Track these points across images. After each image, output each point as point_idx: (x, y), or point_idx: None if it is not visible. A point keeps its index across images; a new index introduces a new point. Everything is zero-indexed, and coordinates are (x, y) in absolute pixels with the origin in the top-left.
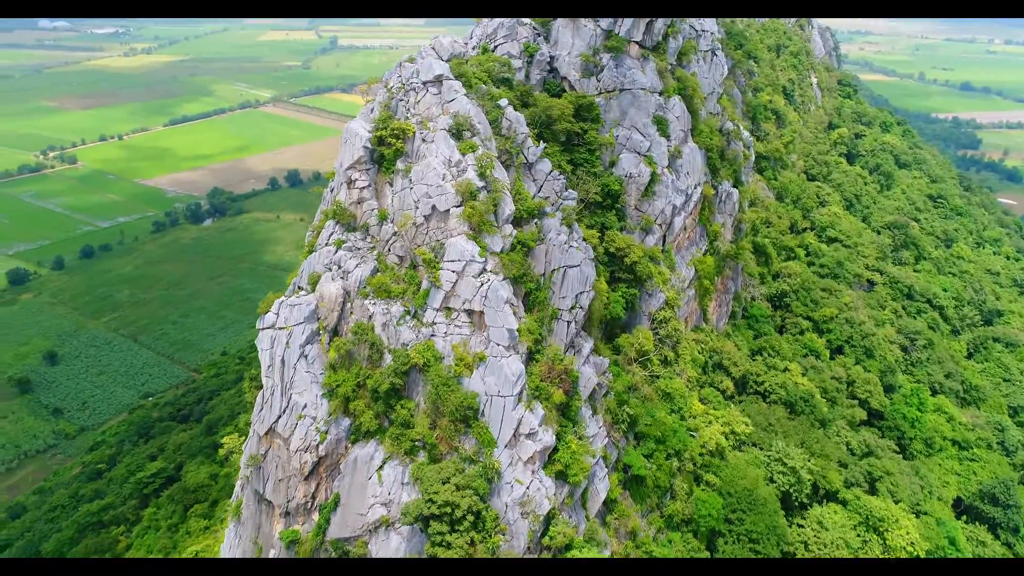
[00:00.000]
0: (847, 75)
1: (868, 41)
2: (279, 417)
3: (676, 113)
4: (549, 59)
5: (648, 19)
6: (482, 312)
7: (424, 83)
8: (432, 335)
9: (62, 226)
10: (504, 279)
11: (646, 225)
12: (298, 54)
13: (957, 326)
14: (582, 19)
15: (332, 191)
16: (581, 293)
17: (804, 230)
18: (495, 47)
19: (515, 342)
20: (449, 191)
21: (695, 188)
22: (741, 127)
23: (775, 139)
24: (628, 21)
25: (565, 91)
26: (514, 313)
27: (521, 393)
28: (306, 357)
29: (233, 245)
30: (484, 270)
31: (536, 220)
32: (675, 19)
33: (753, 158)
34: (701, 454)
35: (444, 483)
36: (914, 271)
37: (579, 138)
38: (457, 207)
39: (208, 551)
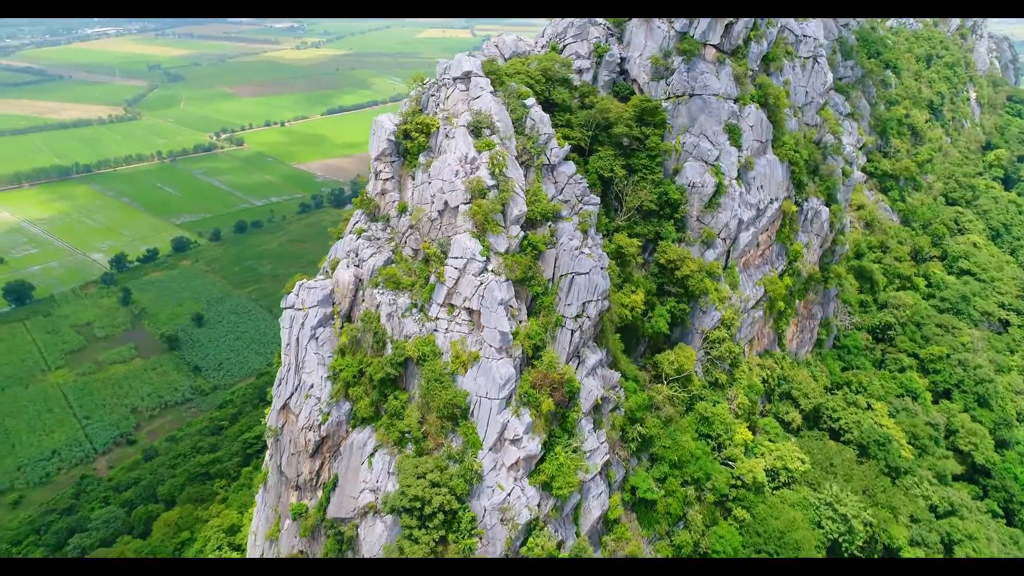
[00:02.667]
0: (1021, 91)
1: None
2: (292, 394)
3: (751, 122)
4: (620, 60)
5: (728, 21)
6: (479, 311)
7: (454, 79)
8: (435, 330)
9: (223, 202)
10: (506, 280)
11: (707, 238)
12: (451, 51)
13: None
14: (656, 20)
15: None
16: (589, 302)
17: (930, 258)
18: (564, 47)
19: (507, 344)
20: (460, 188)
21: (771, 203)
22: (843, 141)
23: (906, 157)
24: (704, 22)
25: (635, 94)
26: (512, 315)
27: (510, 397)
28: (316, 339)
29: None
30: (485, 269)
31: (550, 223)
32: (759, 22)
33: (855, 175)
34: (735, 486)
35: (419, 478)
36: None
37: (640, 143)
38: (466, 204)
39: None
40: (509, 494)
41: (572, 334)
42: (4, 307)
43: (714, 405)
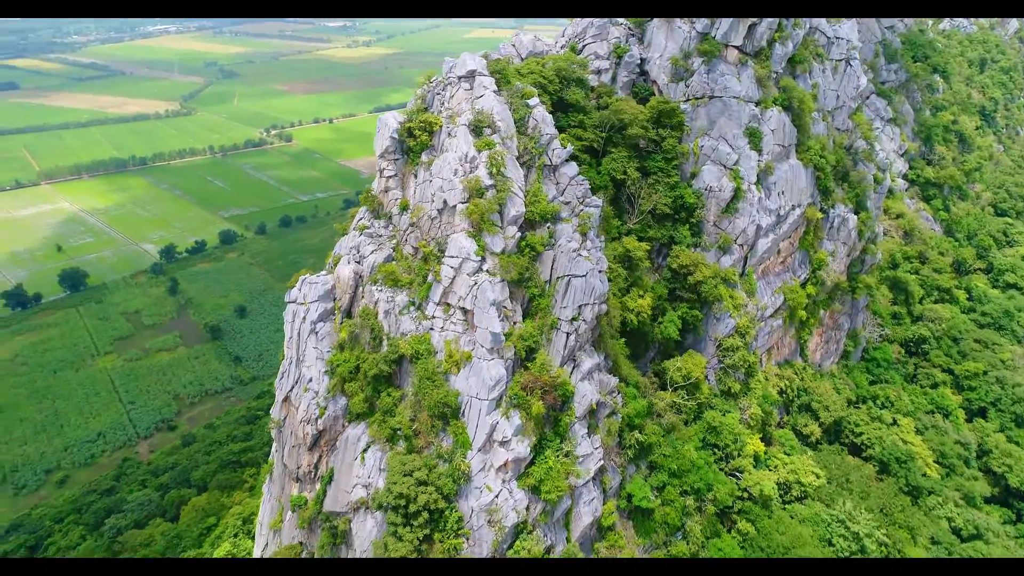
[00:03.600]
0: None
1: None
2: (292, 387)
3: (772, 125)
4: (640, 61)
5: (751, 22)
6: (473, 311)
7: (459, 78)
8: (431, 328)
9: (270, 196)
10: (500, 281)
11: (724, 244)
12: None
13: None
14: (677, 20)
15: None
16: (585, 305)
17: (974, 271)
18: (583, 47)
19: (499, 345)
20: (458, 187)
21: (792, 209)
22: (877, 147)
23: (952, 165)
24: (726, 23)
25: (654, 95)
26: (506, 316)
27: (500, 399)
28: (316, 333)
29: None
30: (479, 269)
31: (549, 224)
32: (784, 23)
33: (890, 183)
34: (741, 498)
35: (406, 475)
36: None
37: (656, 145)
38: (464, 203)
39: None
40: (497, 496)
41: (567, 337)
42: (60, 293)
43: (723, 414)
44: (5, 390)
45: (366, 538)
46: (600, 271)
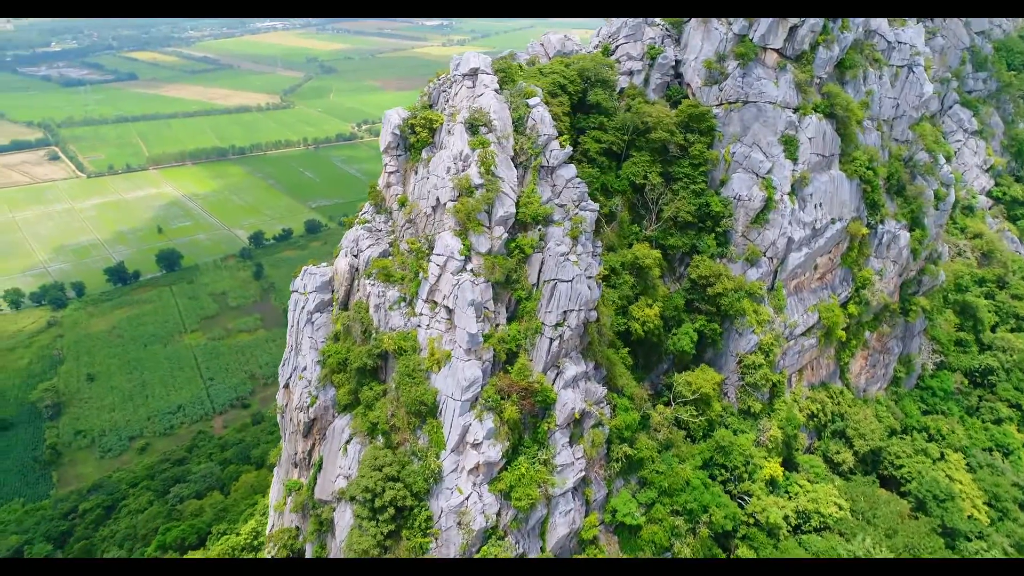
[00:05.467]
0: None
1: None
2: (291, 375)
3: (810, 133)
4: (674, 63)
5: (792, 24)
6: (455, 310)
7: (463, 76)
8: (418, 325)
9: (356, 188)
10: (484, 281)
11: (751, 256)
12: None
13: None
14: (714, 21)
15: None
16: (570, 311)
17: None
18: (616, 47)
19: (476, 346)
20: (449, 184)
21: (831, 223)
22: (942, 159)
23: None
24: (764, 24)
25: (687, 98)
26: (487, 318)
27: (474, 400)
28: (312, 323)
29: None
30: (463, 268)
31: (540, 226)
32: (830, 26)
33: (951, 198)
34: (747, 524)
35: (375, 470)
36: None
37: (683, 150)
38: (453, 202)
39: None
40: (467, 498)
41: (551, 343)
42: (156, 272)
43: (735, 434)
44: (102, 359)
45: (344, 528)
46: (589, 277)
